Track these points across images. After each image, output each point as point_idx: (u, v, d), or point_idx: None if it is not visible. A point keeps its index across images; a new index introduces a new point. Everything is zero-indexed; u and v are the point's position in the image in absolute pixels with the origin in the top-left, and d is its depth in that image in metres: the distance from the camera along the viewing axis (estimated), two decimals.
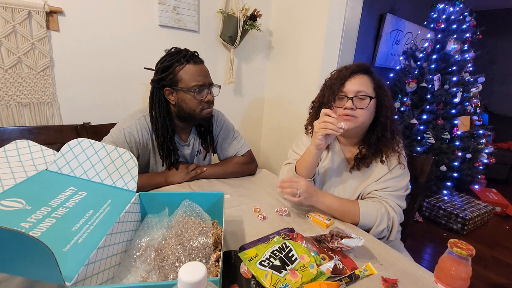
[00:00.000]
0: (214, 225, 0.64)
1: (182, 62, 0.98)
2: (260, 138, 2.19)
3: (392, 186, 0.88)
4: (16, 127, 1.15)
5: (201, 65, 1.02)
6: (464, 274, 0.50)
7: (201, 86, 1.00)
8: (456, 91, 2.43)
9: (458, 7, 2.49)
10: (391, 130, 0.89)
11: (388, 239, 0.86)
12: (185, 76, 0.98)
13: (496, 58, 3.95)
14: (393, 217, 0.84)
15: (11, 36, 1.10)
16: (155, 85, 1.01)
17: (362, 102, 0.86)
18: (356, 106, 0.85)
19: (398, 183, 0.88)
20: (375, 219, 0.83)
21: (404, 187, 0.89)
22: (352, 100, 0.85)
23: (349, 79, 0.88)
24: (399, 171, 0.89)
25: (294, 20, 1.73)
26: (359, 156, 0.93)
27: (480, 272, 1.79)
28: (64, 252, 0.42)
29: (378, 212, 0.84)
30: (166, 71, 0.99)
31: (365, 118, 0.87)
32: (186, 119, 1.07)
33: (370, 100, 0.86)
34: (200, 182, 1.09)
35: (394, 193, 0.87)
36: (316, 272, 0.56)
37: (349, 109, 0.85)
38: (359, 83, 0.87)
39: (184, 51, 1.01)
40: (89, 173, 0.64)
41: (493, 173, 3.23)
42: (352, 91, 0.86)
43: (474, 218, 2.24)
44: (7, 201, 0.47)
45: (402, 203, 0.89)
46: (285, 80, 1.87)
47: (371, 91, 0.87)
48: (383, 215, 0.83)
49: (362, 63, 0.92)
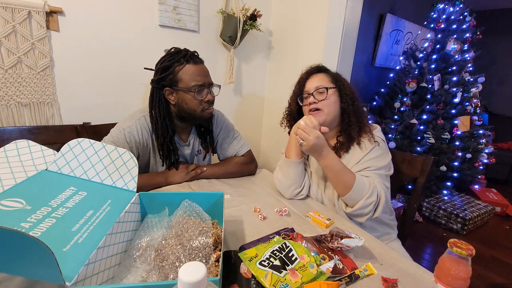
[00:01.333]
0: (214, 225, 0.64)
1: (182, 62, 0.98)
2: (260, 138, 2.19)
3: (373, 166, 0.91)
4: (16, 127, 1.15)
5: (201, 65, 1.02)
6: (464, 274, 0.50)
7: (201, 86, 1.00)
8: (456, 91, 2.43)
9: (458, 7, 2.49)
10: (355, 114, 0.96)
11: (373, 216, 0.88)
12: (185, 76, 0.98)
13: (496, 58, 3.95)
14: (380, 193, 0.87)
15: (11, 36, 1.10)
16: (155, 85, 1.01)
17: (322, 95, 0.96)
18: (317, 100, 0.95)
19: (378, 163, 0.92)
20: (367, 190, 0.85)
21: (386, 167, 0.93)
22: (313, 95, 0.96)
23: (307, 80, 1.00)
24: (378, 151, 0.94)
25: (294, 20, 1.73)
26: (337, 145, 1.00)
27: (480, 272, 1.79)
28: (64, 252, 0.42)
29: (370, 184, 0.87)
30: (166, 71, 0.99)
31: (330, 109, 0.95)
32: (186, 119, 1.07)
33: (328, 90, 0.95)
34: (200, 182, 1.09)
35: (376, 172, 0.91)
36: (316, 272, 0.56)
37: (313, 103, 0.95)
38: (316, 80, 0.98)
39: (184, 51, 1.01)
40: (89, 173, 0.64)
41: (493, 173, 3.23)
42: (312, 87, 0.97)
43: (474, 218, 2.24)
44: (7, 201, 0.47)
45: (387, 183, 0.92)
46: (285, 80, 1.87)
47: (328, 84, 0.97)
48: (374, 188, 0.86)
49: (317, 65, 1.05)
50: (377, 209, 0.87)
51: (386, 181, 0.92)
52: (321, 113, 0.95)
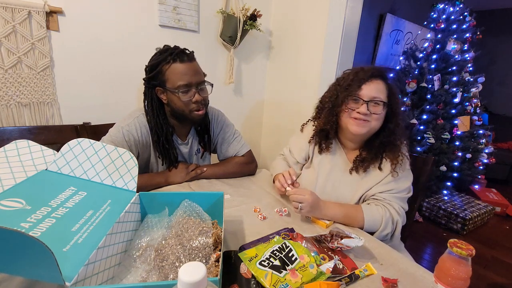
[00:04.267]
0: (214, 225, 0.64)
1: (169, 61, 0.93)
2: (260, 138, 2.19)
3: (395, 188, 0.87)
4: (16, 127, 1.15)
5: (189, 63, 0.96)
6: (464, 274, 0.50)
7: (186, 86, 0.95)
8: (456, 91, 2.43)
9: (458, 7, 2.49)
10: (399, 136, 0.89)
11: (390, 240, 0.87)
12: (171, 75, 0.94)
13: (496, 58, 3.95)
14: (397, 221, 0.85)
15: (11, 36, 1.10)
16: (146, 84, 0.99)
17: (376, 108, 0.86)
18: (370, 111, 0.85)
19: (400, 185, 0.88)
20: (379, 224, 0.83)
21: (407, 189, 0.89)
22: (368, 105, 0.85)
23: (366, 83, 0.87)
24: (401, 173, 0.89)
25: (294, 20, 1.73)
26: (358, 158, 0.93)
27: (480, 272, 1.79)
28: (64, 252, 0.42)
29: (383, 217, 0.83)
30: (153, 70, 0.96)
31: (376, 123, 0.88)
32: (181, 119, 1.05)
33: (384, 106, 0.86)
34: (200, 182, 1.09)
35: (397, 195, 0.87)
36: (316, 272, 0.56)
37: (363, 114, 0.85)
38: (376, 88, 0.86)
39: (172, 48, 0.97)
40: (89, 173, 0.64)
41: (493, 173, 3.22)
42: (368, 95, 0.86)
43: (474, 218, 2.24)
44: (7, 201, 0.47)
45: (405, 205, 0.89)
46: (285, 80, 1.87)
47: (385, 98, 0.87)
48: (388, 220, 0.83)
49: (379, 68, 0.91)
50: (394, 235, 0.86)
51: (404, 203, 0.89)
52: (366, 125, 0.87)
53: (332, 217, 0.85)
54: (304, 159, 1.06)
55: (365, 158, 0.92)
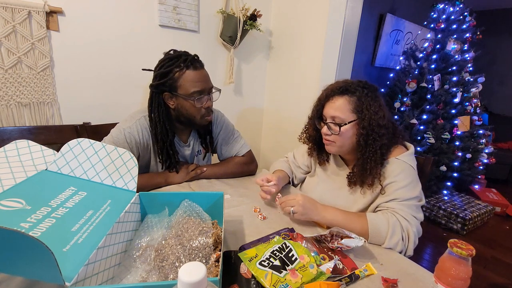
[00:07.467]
0: (214, 225, 0.63)
1: (182, 68, 0.95)
2: (260, 138, 2.19)
3: (400, 197, 0.80)
4: (16, 127, 1.14)
5: (201, 70, 0.99)
6: (464, 274, 0.50)
7: (200, 92, 0.97)
8: (456, 91, 2.43)
9: (458, 7, 2.49)
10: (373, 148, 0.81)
11: (406, 254, 0.77)
12: (185, 82, 0.96)
13: (496, 58, 3.95)
14: (406, 228, 0.76)
15: (11, 36, 1.10)
16: (154, 89, 0.99)
17: (334, 128, 0.84)
18: (330, 132, 0.85)
19: (406, 193, 0.80)
20: (386, 230, 0.75)
21: (416, 197, 0.82)
22: (328, 125, 0.86)
23: (327, 102, 0.87)
24: (405, 180, 0.82)
25: (294, 20, 1.73)
26: (351, 173, 0.90)
27: (480, 272, 1.79)
28: (64, 252, 0.42)
29: (388, 222, 0.76)
30: (165, 76, 0.96)
31: (342, 142, 0.86)
32: (185, 123, 1.06)
33: (341, 126, 0.83)
34: (200, 182, 1.09)
35: (404, 203, 0.80)
36: (316, 272, 0.56)
37: (325, 134, 0.87)
38: (334, 107, 0.85)
39: (184, 55, 0.98)
40: (89, 173, 0.64)
41: (493, 173, 3.23)
42: (328, 115, 0.86)
43: (474, 218, 2.24)
44: (7, 201, 0.47)
45: (416, 214, 0.80)
46: (285, 80, 1.87)
47: (347, 115, 0.83)
48: (395, 224, 0.75)
49: (341, 82, 0.87)
50: (408, 247, 0.76)
51: (417, 212, 0.80)
52: (332, 145, 0.87)
53: (331, 220, 0.79)
54: (307, 166, 1.09)
55: (355, 173, 0.87)
